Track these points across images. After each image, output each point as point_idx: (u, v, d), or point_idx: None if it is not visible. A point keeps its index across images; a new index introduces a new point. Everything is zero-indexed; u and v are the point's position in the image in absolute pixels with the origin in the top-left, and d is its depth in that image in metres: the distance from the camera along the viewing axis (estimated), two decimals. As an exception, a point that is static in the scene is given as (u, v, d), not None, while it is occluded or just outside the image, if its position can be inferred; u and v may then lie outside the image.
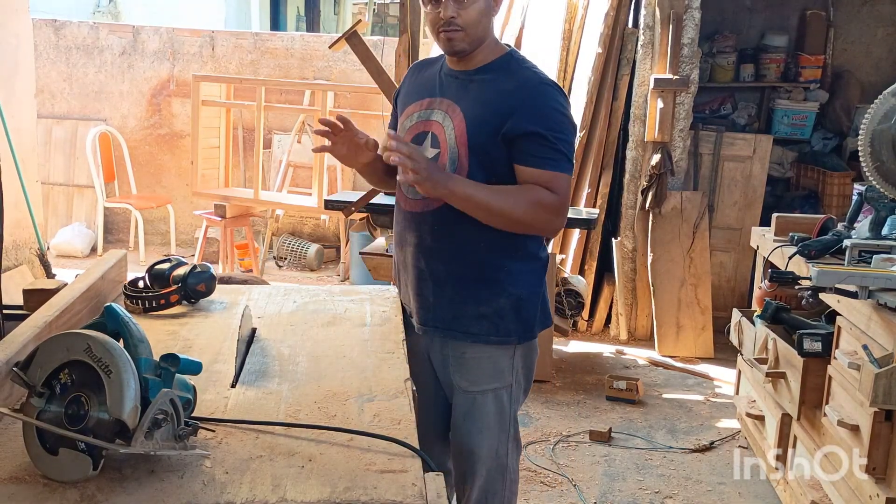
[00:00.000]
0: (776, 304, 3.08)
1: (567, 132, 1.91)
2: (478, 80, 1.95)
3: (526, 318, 2.03)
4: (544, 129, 1.86)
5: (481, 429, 2.05)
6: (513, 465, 2.13)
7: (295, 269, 6.35)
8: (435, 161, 1.93)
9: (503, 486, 2.10)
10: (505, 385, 2.05)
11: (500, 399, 2.06)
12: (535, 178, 1.88)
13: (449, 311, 2.01)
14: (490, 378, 2.04)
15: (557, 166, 1.88)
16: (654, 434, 3.65)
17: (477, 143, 1.90)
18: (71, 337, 1.26)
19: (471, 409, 2.05)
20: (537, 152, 1.87)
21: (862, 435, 2.32)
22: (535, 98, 1.89)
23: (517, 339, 2.03)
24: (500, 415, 2.06)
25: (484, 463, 2.07)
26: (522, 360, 2.08)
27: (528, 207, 1.87)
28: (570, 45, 5.13)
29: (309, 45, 6.63)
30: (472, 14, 1.88)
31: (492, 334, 1.99)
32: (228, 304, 2.14)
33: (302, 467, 1.28)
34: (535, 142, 1.86)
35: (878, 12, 5.49)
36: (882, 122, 2.73)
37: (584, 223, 4.28)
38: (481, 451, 2.06)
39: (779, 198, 5.37)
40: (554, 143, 1.87)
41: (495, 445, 2.07)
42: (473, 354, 2.02)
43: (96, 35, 6.69)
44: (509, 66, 1.95)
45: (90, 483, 1.20)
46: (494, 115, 1.89)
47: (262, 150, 5.77)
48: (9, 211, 3.20)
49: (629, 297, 4.92)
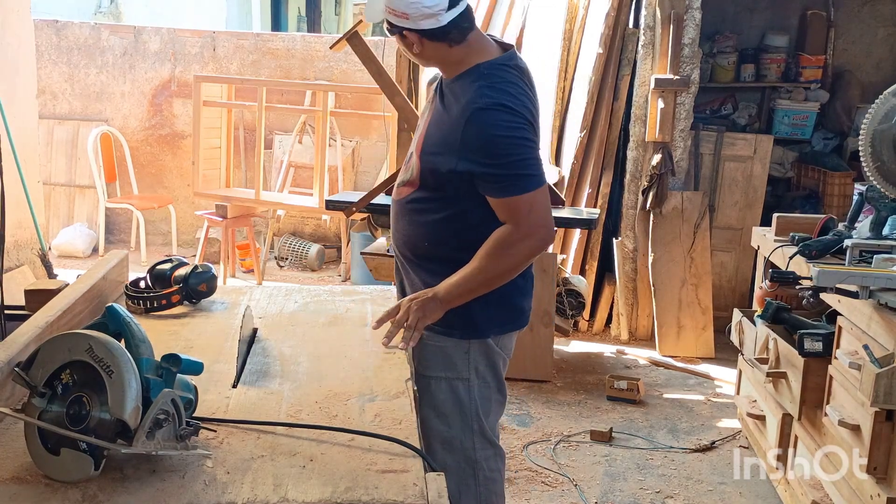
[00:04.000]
0: (777, 304, 3.08)
1: (512, 152, 1.90)
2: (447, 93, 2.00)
3: (471, 315, 2.01)
4: (490, 161, 1.88)
5: (437, 414, 2.08)
6: (486, 463, 2.13)
7: (296, 270, 6.35)
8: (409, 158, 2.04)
9: (475, 482, 2.12)
10: (459, 377, 2.06)
11: (454, 389, 2.07)
12: (499, 207, 1.93)
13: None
14: (441, 367, 2.06)
15: (512, 190, 1.90)
16: (655, 434, 3.65)
17: (426, 162, 1.97)
18: (72, 337, 1.26)
19: (425, 393, 2.08)
20: (493, 183, 1.91)
21: (863, 435, 2.32)
22: (474, 130, 1.89)
23: (461, 333, 2.04)
24: (458, 405, 2.07)
25: (449, 452, 2.08)
26: (483, 358, 2.08)
27: (504, 258, 1.92)
28: (570, 46, 5.13)
29: (310, 45, 6.63)
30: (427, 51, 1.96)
31: (437, 324, 2.00)
32: (230, 304, 2.14)
33: (303, 467, 1.28)
34: (486, 175, 1.90)
35: (878, 12, 5.49)
36: (883, 122, 2.73)
37: (585, 223, 4.27)
38: (438, 434, 2.08)
39: (779, 198, 5.37)
40: (504, 169, 1.89)
41: (458, 436, 2.08)
42: (428, 341, 2.03)
43: (98, 36, 6.69)
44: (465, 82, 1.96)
45: (92, 483, 1.20)
46: (443, 147, 1.94)
47: (263, 150, 5.77)
48: (10, 211, 3.20)
49: (630, 297, 4.92)
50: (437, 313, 1.92)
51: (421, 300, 1.91)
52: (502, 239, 1.92)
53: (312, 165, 5.84)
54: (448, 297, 1.92)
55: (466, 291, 1.93)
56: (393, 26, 1.93)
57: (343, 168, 6.30)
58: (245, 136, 6.55)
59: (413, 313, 1.89)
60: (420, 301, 1.91)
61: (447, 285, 1.93)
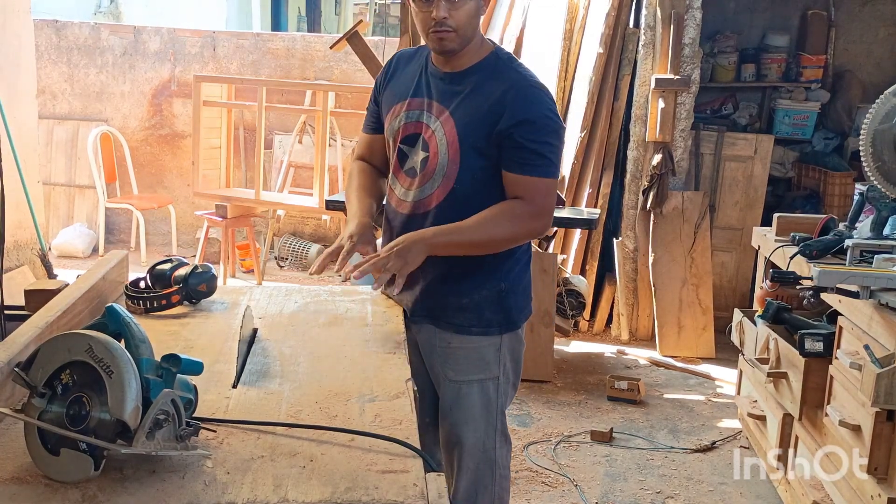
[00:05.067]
0: (778, 304, 3.08)
1: (552, 137, 1.92)
2: (466, 84, 1.95)
3: (508, 309, 2.05)
4: (529, 133, 1.88)
5: (467, 419, 2.07)
6: (502, 461, 2.14)
7: (296, 270, 6.35)
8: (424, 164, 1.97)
9: (493, 481, 2.11)
10: (491, 376, 2.07)
11: (486, 390, 2.07)
12: (516, 183, 1.91)
13: (433, 302, 2.05)
14: (476, 369, 2.06)
15: (536, 171, 1.90)
16: (656, 434, 3.64)
17: (468, 147, 1.93)
18: (72, 337, 1.26)
19: (457, 398, 2.07)
20: (519, 157, 1.90)
21: (863, 435, 2.32)
22: (523, 101, 1.89)
23: (499, 329, 2.05)
24: (487, 407, 2.08)
25: (471, 455, 2.08)
26: (510, 353, 2.09)
27: (505, 226, 1.92)
28: (570, 46, 5.12)
29: (310, 45, 6.63)
30: (463, 15, 1.87)
31: (474, 325, 2.02)
32: (230, 304, 2.14)
33: (303, 468, 1.28)
34: (518, 146, 1.88)
35: (879, 12, 5.49)
36: (883, 122, 2.73)
37: (586, 223, 4.27)
38: (467, 441, 2.07)
39: (780, 198, 5.37)
40: (537, 148, 1.89)
41: (482, 438, 2.08)
42: (459, 344, 2.04)
43: (97, 36, 6.69)
44: (496, 66, 1.95)
45: (91, 483, 1.20)
46: (484, 121, 1.91)
47: (263, 150, 5.77)
48: (10, 211, 3.20)
49: (630, 298, 4.92)
50: (420, 257, 1.88)
51: (406, 244, 1.88)
52: (510, 210, 1.92)
53: (312, 165, 5.84)
54: (434, 243, 1.90)
55: (454, 244, 1.92)
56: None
57: (343, 168, 6.29)
58: (245, 136, 6.55)
59: (395, 258, 1.85)
60: (405, 246, 1.87)
61: (435, 231, 1.91)
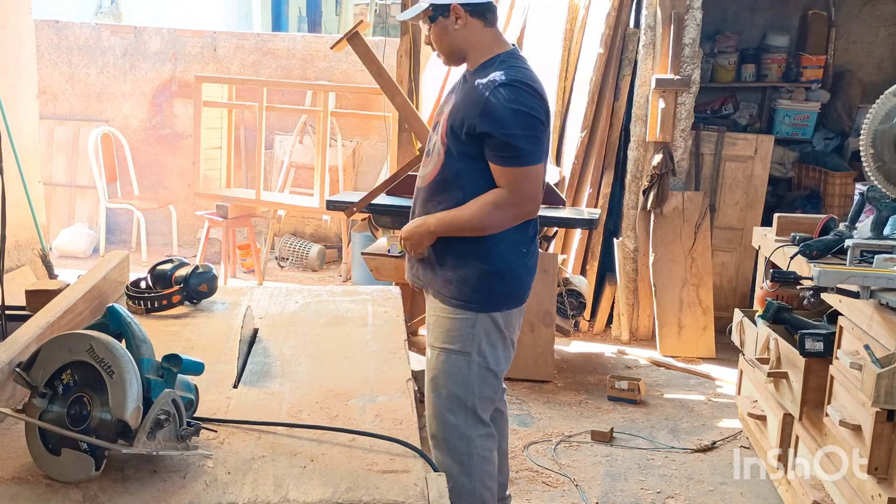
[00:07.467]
0: (778, 304, 3.08)
1: (519, 128, 2.10)
2: (469, 82, 2.20)
3: (490, 290, 2.20)
4: (497, 129, 2.09)
5: (437, 385, 2.25)
6: (480, 442, 2.27)
7: (297, 270, 6.36)
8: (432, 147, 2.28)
9: (470, 459, 2.24)
10: (462, 351, 2.22)
11: (456, 362, 2.23)
12: (498, 173, 2.15)
13: (429, 272, 2.29)
14: (447, 338, 2.23)
15: (511, 162, 2.12)
16: (656, 434, 3.65)
17: (451, 134, 2.18)
18: (73, 337, 1.26)
19: (430, 360, 2.30)
20: (495, 151, 2.13)
21: (864, 435, 2.32)
22: (486, 100, 2.10)
23: (477, 307, 2.21)
24: (456, 378, 2.22)
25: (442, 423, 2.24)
26: (485, 336, 2.22)
27: (485, 212, 2.15)
28: (571, 46, 5.13)
29: (310, 45, 6.63)
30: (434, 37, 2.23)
31: (453, 297, 2.23)
32: (230, 304, 2.14)
33: (304, 467, 1.28)
34: (491, 141, 2.11)
35: (879, 12, 5.48)
36: (884, 122, 2.73)
37: (586, 223, 4.27)
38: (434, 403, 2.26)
39: (780, 198, 5.37)
40: (509, 140, 2.10)
41: (452, 409, 2.24)
42: (440, 314, 2.26)
43: (98, 36, 6.70)
44: (488, 69, 2.17)
45: (92, 483, 1.20)
46: (460, 113, 2.16)
47: (263, 150, 5.77)
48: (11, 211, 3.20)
49: (631, 298, 4.92)
50: (427, 240, 2.22)
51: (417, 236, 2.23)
52: (495, 200, 2.15)
53: (313, 166, 5.84)
54: (438, 229, 2.20)
55: (455, 229, 2.20)
56: (437, 7, 2.15)
57: (344, 168, 6.30)
58: (246, 136, 6.55)
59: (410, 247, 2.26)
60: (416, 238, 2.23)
61: (438, 219, 2.20)
